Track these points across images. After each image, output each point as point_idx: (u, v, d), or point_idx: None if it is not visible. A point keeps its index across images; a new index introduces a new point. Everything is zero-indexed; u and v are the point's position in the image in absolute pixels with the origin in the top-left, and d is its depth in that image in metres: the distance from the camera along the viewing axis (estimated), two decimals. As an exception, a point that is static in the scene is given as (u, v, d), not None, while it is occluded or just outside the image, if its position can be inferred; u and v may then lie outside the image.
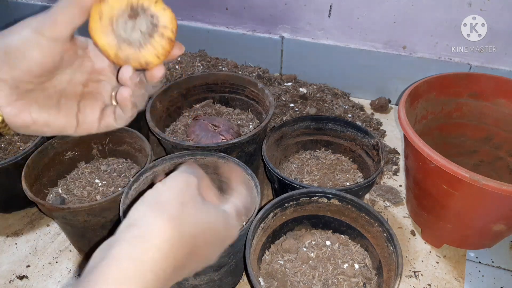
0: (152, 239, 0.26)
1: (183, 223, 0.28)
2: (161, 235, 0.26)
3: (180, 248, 0.27)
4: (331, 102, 1.01)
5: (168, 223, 0.27)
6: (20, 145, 0.81)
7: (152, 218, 0.27)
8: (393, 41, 0.95)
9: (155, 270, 0.25)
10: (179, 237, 0.27)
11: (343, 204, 0.60)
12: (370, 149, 0.74)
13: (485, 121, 0.77)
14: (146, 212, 0.27)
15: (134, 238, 0.26)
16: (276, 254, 0.61)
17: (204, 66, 1.08)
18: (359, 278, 0.57)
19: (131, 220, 0.27)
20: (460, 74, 0.75)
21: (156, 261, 0.26)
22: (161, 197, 0.29)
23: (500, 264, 0.70)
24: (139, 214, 0.28)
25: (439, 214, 0.66)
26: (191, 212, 0.29)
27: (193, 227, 0.28)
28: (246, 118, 0.86)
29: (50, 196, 0.71)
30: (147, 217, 0.27)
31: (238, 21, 1.06)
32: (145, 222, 0.27)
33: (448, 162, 0.55)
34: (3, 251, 0.72)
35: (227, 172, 0.46)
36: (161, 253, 0.26)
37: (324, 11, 0.97)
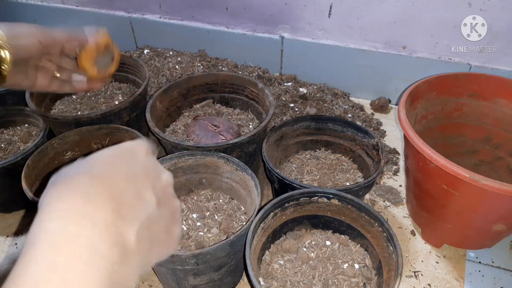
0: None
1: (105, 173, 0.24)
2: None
3: (119, 196, 0.23)
4: (331, 102, 1.01)
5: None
6: (20, 145, 0.81)
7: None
8: (393, 41, 0.95)
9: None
10: (110, 187, 0.23)
11: (343, 204, 0.60)
12: (370, 149, 0.74)
13: (485, 121, 0.77)
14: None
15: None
16: (276, 254, 0.61)
17: (204, 66, 1.08)
18: (359, 278, 0.57)
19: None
20: (460, 74, 0.75)
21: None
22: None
23: (500, 264, 0.70)
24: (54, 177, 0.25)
25: (439, 214, 0.66)
26: (103, 156, 0.27)
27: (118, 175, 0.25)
28: (246, 118, 0.86)
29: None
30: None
31: (238, 21, 1.06)
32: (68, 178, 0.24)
33: (448, 162, 0.55)
34: (3, 251, 0.72)
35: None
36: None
37: (324, 11, 0.97)
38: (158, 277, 0.66)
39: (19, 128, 0.86)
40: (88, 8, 1.19)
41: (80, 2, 1.19)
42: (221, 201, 0.69)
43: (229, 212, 0.66)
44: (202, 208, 0.67)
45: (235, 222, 0.65)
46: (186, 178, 0.69)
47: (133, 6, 1.14)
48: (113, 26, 1.19)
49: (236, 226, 0.64)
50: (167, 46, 1.17)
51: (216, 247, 0.51)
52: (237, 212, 0.67)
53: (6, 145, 0.81)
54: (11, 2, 1.26)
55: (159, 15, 1.14)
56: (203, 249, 0.51)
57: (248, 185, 0.63)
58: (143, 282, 0.67)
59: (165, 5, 1.11)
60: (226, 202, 0.68)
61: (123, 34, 1.19)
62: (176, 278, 0.58)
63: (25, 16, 1.28)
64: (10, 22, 0.47)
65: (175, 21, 1.12)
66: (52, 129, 0.79)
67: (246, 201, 0.65)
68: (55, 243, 0.20)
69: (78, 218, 0.21)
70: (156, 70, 1.07)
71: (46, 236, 0.20)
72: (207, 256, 0.52)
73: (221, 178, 0.68)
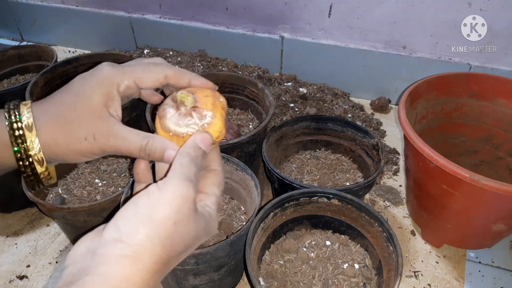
0: (143, 261, 0.26)
1: (174, 245, 0.28)
2: (152, 258, 0.26)
3: (166, 266, 0.28)
4: (331, 102, 1.01)
5: (160, 245, 0.26)
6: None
7: (144, 238, 0.26)
8: (393, 41, 0.95)
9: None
10: (167, 258, 0.27)
11: (343, 204, 0.60)
12: (370, 149, 0.74)
13: (485, 121, 0.77)
14: (138, 228, 0.26)
15: (124, 257, 0.25)
16: (276, 254, 0.61)
17: (204, 66, 1.08)
18: (359, 278, 0.57)
19: (121, 233, 0.26)
20: (460, 74, 0.75)
21: (146, 281, 0.26)
22: (155, 214, 0.27)
23: (500, 264, 0.70)
24: (129, 228, 0.26)
25: (439, 214, 0.66)
26: (183, 232, 0.28)
27: (182, 246, 0.28)
28: (246, 118, 0.86)
29: (50, 196, 0.71)
30: (139, 234, 0.26)
31: (238, 21, 1.06)
32: (136, 241, 0.26)
33: (448, 162, 0.55)
34: (3, 251, 0.72)
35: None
36: (150, 275, 0.26)
37: (324, 11, 0.97)
38: (158, 277, 0.65)
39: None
40: (88, 8, 1.19)
41: (80, 2, 1.19)
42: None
43: (229, 212, 0.66)
44: (202, 208, 0.67)
45: (235, 222, 0.65)
46: (186, 178, 0.69)
47: (133, 6, 1.14)
48: (113, 26, 1.19)
49: (236, 226, 0.64)
50: (167, 46, 1.17)
51: (216, 247, 0.51)
52: (237, 212, 0.67)
53: (6, 145, 0.80)
54: (11, 2, 1.26)
55: (159, 15, 1.14)
56: (203, 249, 0.51)
57: (248, 185, 0.63)
58: (143, 282, 0.67)
59: (165, 5, 1.11)
60: (226, 202, 0.68)
61: (123, 34, 1.19)
62: (176, 278, 0.58)
63: (25, 16, 1.28)
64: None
65: (175, 21, 1.12)
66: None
67: (246, 201, 0.65)
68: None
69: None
70: (156, 70, 1.07)
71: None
72: (207, 256, 0.52)
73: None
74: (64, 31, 1.27)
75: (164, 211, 0.27)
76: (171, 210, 0.27)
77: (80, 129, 0.33)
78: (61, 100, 0.34)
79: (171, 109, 0.35)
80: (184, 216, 0.28)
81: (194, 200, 0.29)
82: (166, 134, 0.34)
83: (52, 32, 1.29)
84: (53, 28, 1.28)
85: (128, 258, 0.25)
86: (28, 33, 1.34)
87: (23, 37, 1.36)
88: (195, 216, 0.29)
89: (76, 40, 1.29)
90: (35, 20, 1.28)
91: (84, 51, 1.28)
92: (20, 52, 0.95)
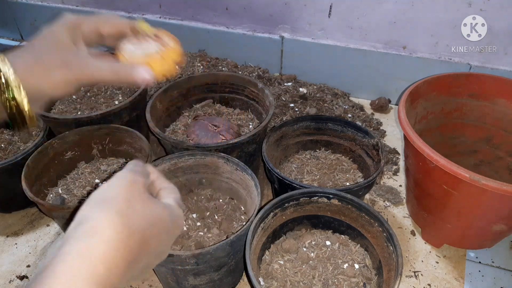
0: (100, 234, 0.26)
1: (131, 217, 0.28)
2: (109, 229, 0.26)
3: (131, 241, 0.27)
4: (331, 102, 1.01)
5: (116, 217, 0.27)
6: (20, 145, 0.81)
7: (99, 213, 0.27)
8: (393, 41, 0.95)
9: (106, 264, 0.25)
10: (128, 231, 0.27)
11: (343, 204, 0.60)
12: (370, 149, 0.74)
13: (485, 121, 0.77)
14: (93, 209, 0.28)
15: (82, 234, 0.26)
16: (276, 254, 0.61)
17: (204, 66, 1.08)
18: (359, 278, 0.57)
19: (79, 218, 0.27)
20: (460, 74, 0.75)
21: (106, 254, 0.25)
22: (107, 194, 0.29)
23: (500, 264, 0.70)
24: (86, 212, 0.28)
25: (439, 214, 0.66)
26: (138, 207, 0.29)
27: (141, 221, 0.28)
28: (246, 118, 0.86)
29: (50, 196, 0.71)
30: (95, 213, 0.27)
31: (238, 21, 1.06)
32: (93, 218, 0.27)
33: (448, 162, 0.55)
34: (3, 251, 0.72)
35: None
36: (111, 247, 0.26)
37: (324, 11, 0.97)
38: (158, 277, 0.66)
39: (19, 128, 0.86)
40: (88, 8, 1.19)
41: (80, 2, 1.19)
42: (221, 201, 0.69)
43: (229, 212, 0.66)
44: (202, 208, 0.67)
45: (235, 222, 0.65)
46: (186, 178, 0.69)
47: (133, 6, 1.14)
48: (113, 26, 1.19)
49: (236, 226, 0.64)
50: (167, 46, 1.17)
51: (216, 247, 0.51)
52: (237, 212, 0.67)
53: (6, 145, 0.81)
54: (11, 2, 1.26)
55: (159, 15, 1.14)
56: (203, 249, 0.51)
57: (248, 185, 0.63)
58: (143, 282, 0.67)
59: (165, 5, 1.11)
60: (226, 202, 0.68)
61: (123, 34, 1.19)
62: (176, 278, 0.58)
63: (25, 16, 1.28)
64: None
65: (175, 21, 1.12)
66: (52, 129, 0.79)
67: (246, 201, 0.65)
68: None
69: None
70: (156, 70, 1.07)
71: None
72: (207, 256, 0.52)
73: (221, 178, 0.68)
74: (64, 31, 1.27)
75: (115, 190, 0.29)
76: (121, 189, 0.29)
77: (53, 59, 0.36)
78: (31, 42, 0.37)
79: (133, 39, 0.40)
80: (135, 195, 0.30)
81: (143, 185, 0.31)
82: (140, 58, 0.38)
83: (52, 32, 1.29)
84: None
85: (84, 233, 0.26)
86: (28, 33, 1.34)
87: (23, 37, 1.36)
88: (149, 198, 0.31)
89: (76, 40, 1.29)
90: (35, 20, 1.28)
91: (84, 51, 1.28)
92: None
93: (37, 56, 0.36)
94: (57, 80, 0.36)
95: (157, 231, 0.30)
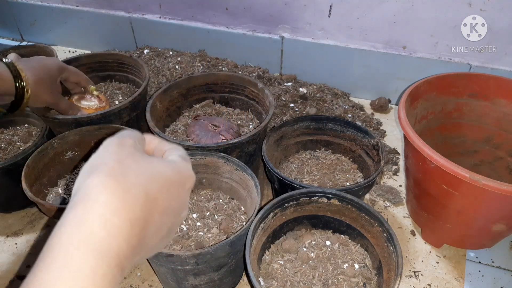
0: (94, 198, 0.23)
1: (126, 175, 0.25)
2: (103, 192, 0.24)
3: (129, 200, 0.25)
4: (331, 102, 1.01)
5: (108, 178, 0.24)
6: (20, 145, 0.81)
7: (91, 180, 0.24)
8: (393, 41, 0.95)
9: (106, 227, 0.23)
10: (124, 189, 0.25)
11: (343, 204, 0.60)
12: (370, 149, 0.74)
13: (485, 121, 0.77)
14: (84, 178, 0.25)
15: (75, 203, 0.24)
16: (276, 254, 0.61)
17: (204, 66, 1.08)
18: (359, 278, 0.57)
19: (73, 192, 0.26)
20: (460, 74, 0.75)
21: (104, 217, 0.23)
22: (95, 162, 0.26)
23: (500, 264, 0.70)
24: (77, 183, 0.26)
25: (439, 214, 0.66)
26: (131, 165, 0.27)
27: (138, 178, 0.26)
28: (246, 118, 0.86)
29: (50, 196, 0.71)
30: (86, 181, 0.25)
31: (238, 21, 1.06)
32: (85, 186, 0.24)
33: (448, 162, 0.55)
34: (3, 251, 0.72)
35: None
36: (107, 208, 0.23)
37: (324, 11, 0.97)
38: (158, 277, 0.66)
39: (19, 128, 0.86)
40: (88, 8, 1.19)
41: (80, 2, 1.19)
42: (221, 201, 0.69)
43: (229, 212, 0.66)
44: (202, 208, 0.67)
45: (235, 222, 0.65)
46: (186, 178, 0.69)
47: (133, 6, 1.14)
48: (113, 26, 1.19)
49: (236, 226, 0.64)
50: (167, 46, 1.17)
51: (216, 247, 0.51)
52: (237, 212, 0.67)
53: (6, 145, 0.81)
54: (11, 2, 1.26)
55: (159, 15, 1.14)
56: (203, 249, 0.51)
57: (248, 185, 0.63)
58: (143, 282, 0.67)
59: (165, 5, 1.11)
60: (226, 202, 0.68)
61: (123, 34, 1.19)
62: (176, 278, 0.58)
63: (25, 16, 1.28)
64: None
65: (175, 21, 1.12)
66: (52, 129, 0.79)
67: (246, 201, 0.65)
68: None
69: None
70: (156, 70, 1.08)
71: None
72: (207, 256, 0.52)
73: (221, 178, 0.68)
74: (64, 31, 1.27)
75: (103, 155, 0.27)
76: (109, 153, 0.27)
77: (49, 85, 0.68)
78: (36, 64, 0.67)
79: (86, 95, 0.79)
80: (127, 154, 0.27)
81: (133, 145, 0.29)
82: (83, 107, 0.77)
83: (52, 32, 1.29)
84: (53, 28, 1.28)
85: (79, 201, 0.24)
86: (28, 33, 1.34)
87: (23, 37, 1.36)
88: (143, 155, 0.29)
89: (76, 40, 1.29)
90: (35, 20, 1.28)
91: (84, 51, 1.28)
92: (20, 52, 0.95)
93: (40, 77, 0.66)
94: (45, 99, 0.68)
95: (160, 186, 0.27)
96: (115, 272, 0.22)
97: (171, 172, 0.29)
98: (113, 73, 0.96)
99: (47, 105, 0.70)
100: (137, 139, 0.31)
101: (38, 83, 0.65)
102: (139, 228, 0.25)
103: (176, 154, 0.32)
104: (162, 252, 0.50)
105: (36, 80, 0.64)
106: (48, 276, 0.21)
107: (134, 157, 0.28)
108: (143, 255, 0.28)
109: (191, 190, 0.69)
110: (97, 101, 0.77)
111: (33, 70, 0.64)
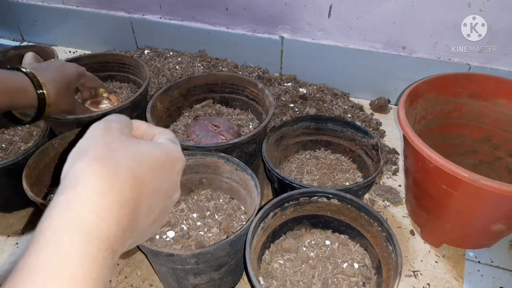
0: (82, 182, 0.23)
1: (112, 158, 0.25)
2: (91, 175, 0.24)
3: (117, 182, 0.24)
4: (331, 102, 1.01)
5: (95, 162, 0.24)
6: (21, 145, 0.81)
7: (78, 165, 0.25)
8: (392, 42, 0.96)
9: (94, 210, 0.23)
10: (111, 172, 0.24)
11: (343, 204, 0.61)
12: (370, 149, 0.74)
13: (485, 121, 0.77)
14: (70, 163, 0.25)
15: (63, 188, 0.24)
16: (276, 253, 0.61)
17: (204, 66, 1.08)
18: (358, 278, 0.57)
19: (61, 179, 0.25)
20: (460, 74, 0.75)
21: (92, 200, 0.23)
22: (82, 147, 0.27)
23: (499, 264, 0.70)
24: (65, 169, 0.26)
25: (439, 214, 0.66)
26: (118, 148, 0.26)
27: (126, 160, 0.26)
28: (246, 118, 0.86)
29: (51, 196, 0.71)
30: (73, 166, 0.25)
31: (238, 21, 1.07)
32: (72, 170, 0.25)
33: (447, 162, 0.55)
34: (4, 251, 0.73)
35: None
36: (95, 192, 0.23)
37: (324, 12, 0.97)
38: (159, 276, 0.66)
39: (20, 128, 0.86)
40: (88, 8, 1.19)
41: (80, 2, 1.19)
42: (221, 201, 0.69)
43: (229, 212, 0.66)
44: (202, 208, 0.67)
45: (235, 221, 0.65)
46: (186, 178, 0.69)
47: (133, 6, 1.15)
48: (113, 26, 1.19)
49: (236, 226, 0.64)
50: (167, 47, 1.17)
51: (216, 247, 0.52)
52: (237, 211, 0.67)
53: (7, 145, 0.81)
54: (11, 2, 1.26)
55: (160, 16, 1.14)
56: (203, 248, 0.51)
57: (248, 185, 0.63)
58: (143, 281, 0.67)
59: (166, 5, 1.11)
60: (226, 202, 0.68)
61: (123, 35, 1.20)
62: (177, 278, 0.58)
63: (26, 16, 1.28)
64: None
65: (175, 21, 1.13)
66: (53, 129, 0.79)
67: (246, 200, 0.65)
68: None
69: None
70: (157, 70, 1.08)
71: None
72: (207, 255, 0.53)
73: (221, 178, 0.69)
74: (64, 32, 1.28)
75: (89, 140, 0.27)
76: (95, 137, 0.27)
77: (68, 96, 0.68)
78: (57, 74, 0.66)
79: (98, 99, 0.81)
80: (113, 138, 0.27)
81: (119, 129, 0.29)
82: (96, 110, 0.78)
83: (52, 33, 1.29)
84: (53, 28, 1.28)
85: (67, 186, 0.24)
86: (28, 33, 1.34)
87: (23, 38, 1.36)
88: (130, 138, 0.29)
89: (76, 41, 1.29)
90: (35, 21, 1.29)
91: (85, 52, 1.29)
92: (21, 52, 0.96)
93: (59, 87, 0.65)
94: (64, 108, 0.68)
95: (148, 167, 0.27)
96: (105, 255, 0.22)
97: (159, 153, 0.29)
98: (114, 73, 0.97)
99: (64, 113, 0.70)
100: (123, 123, 0.31)
101: (59, 94, 0.64)
102: (129, 209, 0.25)
103: (164, 137, 0.33)
104: (162, 251, 0.50)
105: (57, 91, 0.64)
106: (38, 261, 0.21)
107: (120, 140, 0.28)
108: (136, 238, 0.28)
109: (191, 190, 0.70)
110: (108, 102, 0.80)
111: (54, 83, 0.63)
